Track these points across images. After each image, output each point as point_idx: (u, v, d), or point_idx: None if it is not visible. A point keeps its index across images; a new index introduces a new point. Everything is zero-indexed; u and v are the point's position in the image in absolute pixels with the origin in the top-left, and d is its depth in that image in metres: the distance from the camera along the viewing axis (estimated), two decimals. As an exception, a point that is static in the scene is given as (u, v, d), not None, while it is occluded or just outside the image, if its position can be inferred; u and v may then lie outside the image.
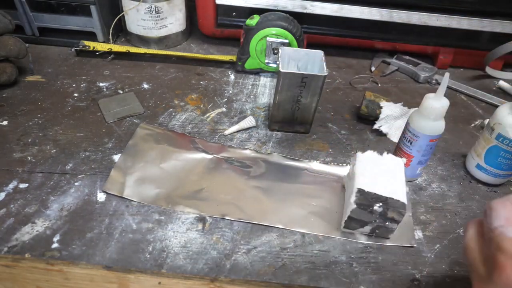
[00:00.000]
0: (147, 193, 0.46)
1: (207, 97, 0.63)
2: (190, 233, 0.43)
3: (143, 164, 0.49)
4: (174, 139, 0.54)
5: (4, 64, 0.58)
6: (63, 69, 0.66)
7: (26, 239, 0.41)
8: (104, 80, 0.64)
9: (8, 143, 0.51)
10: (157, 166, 0.49)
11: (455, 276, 0.41)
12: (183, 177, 0.49)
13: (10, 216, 0.43)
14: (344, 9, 0.68)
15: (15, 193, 0.45)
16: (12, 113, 0.56)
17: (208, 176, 0.49)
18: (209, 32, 0.75)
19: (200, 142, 0.54)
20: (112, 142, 0.53)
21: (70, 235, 0.41)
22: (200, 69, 0.69)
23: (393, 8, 0.67)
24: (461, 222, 0.47)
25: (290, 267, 0.40)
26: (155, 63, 0.70)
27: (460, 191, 0.51)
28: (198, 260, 0.40)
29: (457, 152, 0.57)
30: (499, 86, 0.72)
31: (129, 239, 0.41)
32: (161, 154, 0.51)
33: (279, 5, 0.68)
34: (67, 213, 0.43)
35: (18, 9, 0.67)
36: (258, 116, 0.60)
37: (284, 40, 0.63)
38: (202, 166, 0.50)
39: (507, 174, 0.50)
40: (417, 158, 0.48)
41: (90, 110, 0.58)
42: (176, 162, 0.50)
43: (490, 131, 0.48)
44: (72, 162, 0.49)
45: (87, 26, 0.71)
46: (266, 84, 0.67)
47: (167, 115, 0.58)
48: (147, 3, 0.68)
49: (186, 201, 0.46)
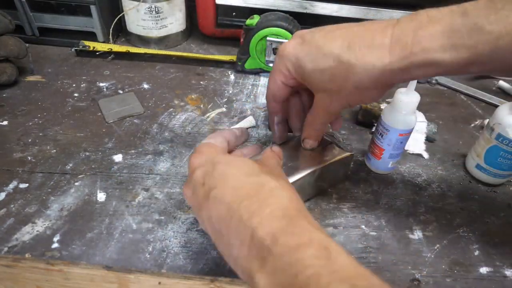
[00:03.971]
0: None
1: (207, 97, 0.63)
2: (190, 233, 0.43)
3: None
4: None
5: (4, 64, 0.58)
6: (63, 69, 0.66)
7: (26, 239, 0.41)
8: (104, 80, 0.65)
9: (8, 143, 0.51)
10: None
11: (455, 276, 0.41)
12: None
13: (10, 216, 0.43)
14: (344, 9, 0.68)
15: (15, 193, 0.45)
16: (12, 113, 0.56)
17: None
18: (209, 32, 0.75)
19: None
20: (112, 142, 0.53)
21: (70, 235, 0.41)
22: (200, 69, 0.69)
23: (393, 8, 0.67)
24: (461, 222, 0.47)
25: (290, 267, 0.40)
26: (155, 63, 0.70)
27: (460, 191, 0.51)
28: (198, 260, 0.40)
29: (457, 152, 0.57)
30: (499, 86, 0.72)
31: (129, 239, 0.41)
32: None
33: (279, 5, 0.68)
34: (67, 213, 0.43)
35: (18, 9, 0.67)
36: (258, 116, 0.60)
37: (284, 40, 0.63)
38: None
39: (507, 174, 0.50)
40: (388, 152, 0.49)
41: (90, 110, 0.58)
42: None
43: (490, 131, 0.48)
44: (72, 162, 0.49)
45: (87, 26, 0.71)
46: (266, 84, 0.67)
47: (167, 115, 0.58)
48: (147, 3, 0.68)
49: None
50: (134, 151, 0.52)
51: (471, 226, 0.46)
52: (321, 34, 0.36)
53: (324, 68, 0.35)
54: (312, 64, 0.36)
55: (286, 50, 0.38)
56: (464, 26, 0.30)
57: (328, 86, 0.36)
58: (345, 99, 0.37)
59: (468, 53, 0.31)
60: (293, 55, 0.37)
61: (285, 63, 0.38)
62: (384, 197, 0.49)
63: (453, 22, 0.31)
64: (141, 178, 0.48)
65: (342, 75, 0.34)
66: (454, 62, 0.31)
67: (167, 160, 0.51)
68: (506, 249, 0.44)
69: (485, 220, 0.47)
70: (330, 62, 0.35)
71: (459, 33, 0.30)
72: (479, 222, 0.47)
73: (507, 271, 0.42)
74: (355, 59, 0.34)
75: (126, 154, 0.51)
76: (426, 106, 0.64)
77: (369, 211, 0.47)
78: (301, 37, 0.37)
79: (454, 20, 0.31)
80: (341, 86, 0.35)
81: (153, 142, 0.54)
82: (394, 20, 0.34)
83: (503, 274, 0.41)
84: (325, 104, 0.38)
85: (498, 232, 0.46)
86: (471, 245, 0.44)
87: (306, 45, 0.36)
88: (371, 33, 0.34)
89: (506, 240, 0.45)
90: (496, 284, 0.40)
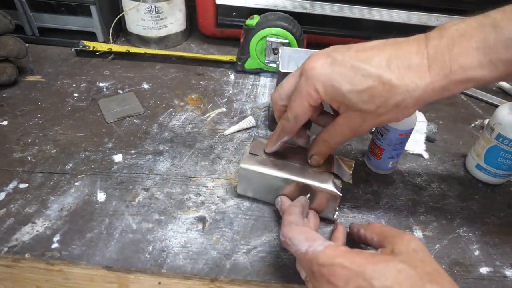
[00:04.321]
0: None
1: (207, 97, 0.63)
2: (190, 233, 0.43)
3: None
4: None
5: (4, 64, 0.58)
6: (63, 69, 0.66)
7: (26, 239, 0.41)
8: (104, 80, 0.64)
9: (8, 143, 0.51)
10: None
11: (455, 276, 0.41)
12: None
13: (10, 216, 0.43)
14: (344, 9, 0.68)
15: (15, 193, 0.45)
16: (12, 113, 0.56)
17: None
18: (209, 32, 0.75)
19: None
20: (112, 142, 0.53)
21: (70, 235, 0.41)
22: (200, 69, 0.69)
23: (393, 8, 0.67)
24: (461, 222, 0.47)
25: (290, 267, 0.40)
26: (155, 63, 0.70)
27: (460, 191, 0.51)
28: (198, 260, 0.40)
29: (457, 152, 0.57)
30: (499, 86, 0.72)
31: (129, 239, 0.41)
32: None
33: (279, 5, 0.68)
34: (67, 213, 0.43)
35: (18, 9, 0.67)
36: (258, 116, 0.60)
37: (284, 40, 0.63)
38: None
39: (507, 174, 0.50)
40: (388, 152, 0.49)
41: (90, 110, 0.58)
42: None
43: (490, 131, 0.48)
44: (72, 162, 0.49)
45: (87, 26, 0.71)
46: (266, 84, 0.67)
47: (167, 115, 0.58)
48: (147, 3, 0.68)
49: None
50: (134, 151, 0.52)
51: (471, 226, 0.46)
52: (352, 54, 0.35)
53: (363, 89, 0.34)
54: (350, 85, 0.35)
55: (315, 70, 0.36)
56: (499, 42, 0.31)
57: (364, 107, 0.35)
58: (379, 119, 0.36)
59: (505, 67, 0.32)
60: (324, 76, 0.35)
61: (314, 84, 0.36)
62: (384, 197, 0.49)
63: (486, 37, 0.32)
64: (141, 178, 0.48)
65: (382, 95, 0.34)
66: (493, 76, 0.32)
67: (167, 160, 0.51)
68: (506, 249, 0.44)
69: (485, 220, 0.47)
70: (370, 82, 0.34)
71: (495, 49, 0.31)
72: (479, 222, 0.47)
73: (507, 271, 0.42)
74: (396, 79, 0.33)
75: (126, 154, 0.51)
76: (426, 106, 0.64)
77: (369, 211, 0.47)
78: (330, 57, 0.36)
79: (487, 35, 0.32)
80: (379, 106, 0.35)
81: (153, 142, 0.54)
82: (422, 36, 0.34)
83: (503, 274, 0.41)
84: (355, 124, 0.37)
85: (498, 232, 0.46)
86: (471, 245, 0.44)
87: (338, 65, 0.35)
88: (407, 54, 0.34)
89: (506, 240, 0.45)
90: (496, 284, 0.40)
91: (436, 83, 0.33)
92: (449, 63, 0.32)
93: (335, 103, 0.37)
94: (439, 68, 0.33)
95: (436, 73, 0.33)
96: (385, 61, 0.34)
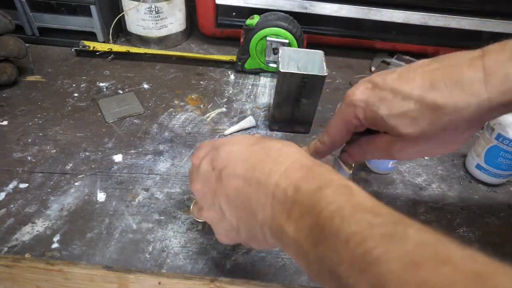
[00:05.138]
0: None
1: (207, 97, 0.63)
2: (190, 233, 0.43)
3: None
4: None
5: (4, 64, 0.58)
6: (63, 69, 0.66)
7: (26, 239, 0.41)
8: (104, 80, 0.65)
9: (8, 143, 0.51)
10: None
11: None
12: None
13: (10, 216, 0.43)
14: (344, 9, 0.68)
15: (15, 193, 0.45)
16: (12, 113, 0.56)
17: None
18: (209, 32, 0.75)
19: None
20: (112, 142, 0.53)
21: (70, 235, 0.41)
22: (200, 69, 0.69)
23: (393, 8, 0.67)
24: (461, 222, 0.47)
25: (290, 267, 0.40)
26: (155, 63, 0.70)
27: (460, 191, 0.51)
28: (198, 260, 0.40)
29: (457, 152, 0.57)
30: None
31: (129, 239, 0.41)
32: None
33: (279, 5, 0.68)
34: (67, 213, 0.43)
35: (18, 9, 0.67)
36: (258, 116, 0.60)
37: (284, 40, 0.63)
38: None
39: (507, 174, 0.50)
40: None
41: (90, 110, 0.58)
42: None
43: (490, 131, 0.48)
44: (72, 162, 0.49)
45: (87, 26, 0.71)
46: (266, 84, 0.67)
47: (167, 115, 0.58)
48: (147, 3, 0.68)
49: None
50: (134, 151, 0.52)
51: (471, 226, 0.46)
52: (393, 77, 0.33)
53: (403, 112, 0.31)
54: (388, 109, 0.32)
55: (355, 96, 0.34)
56: None
57: (407, 131, 0.32)
58: (425, 146, 0.33)
59: None
60: (363, 101, 0.34)
61: (354, 111, 0.34)
62: (384, 197, 0.49)
63: None
64: (141, 178, 0.48)
65: (426, 118, 0.31)
66: None
67: (167, 160, 0.51)
68: (506, 249, 0.44)
69: (485, 220, 0.47)
70: (411, 105, 0.31)
71: None
72: (479, 222, 0.47)
73: (507, 271, 0.42)
74: (441, 98, 0.30)
75: (126, 154, 0.51)
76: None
77: (369, 211, 0.47)
78: (370, 82, 0.34)
79: None
80: (424, 130, 0.31)
81: (153, 142, 0.54)
82: (477, 51, 0.31)
83: (503, 274, 0.41)
84: (393, 149, 0.34)
85: (498, 232, 0.46)
86: (471, 245, 0.44)
87: (377, 89, 0.33)
88: (456, 68, 0.30)
89: (506, 240, 0.45)
90: (496, 284, 0.40)
91: (495, 99, 0.29)
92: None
93: (380, 129, 0.35)
94: (499, 83, 0.29)
95: (496, 88, 0.29)
96: (428, 81, 0.31)
